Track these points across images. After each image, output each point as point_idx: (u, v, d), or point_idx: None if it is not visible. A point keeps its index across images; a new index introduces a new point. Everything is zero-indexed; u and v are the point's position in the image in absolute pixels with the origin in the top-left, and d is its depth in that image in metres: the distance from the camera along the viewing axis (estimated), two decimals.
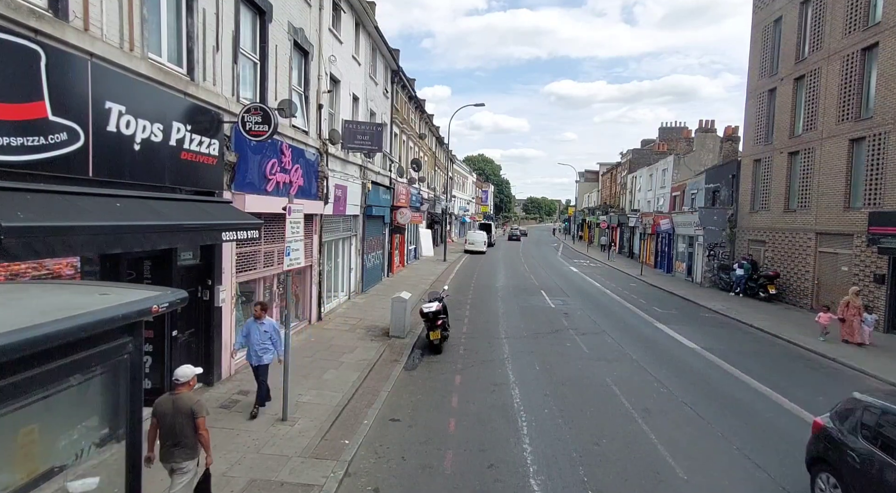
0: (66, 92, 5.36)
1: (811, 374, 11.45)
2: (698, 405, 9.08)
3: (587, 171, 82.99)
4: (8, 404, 2.18)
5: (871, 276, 15.74)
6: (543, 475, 6.47)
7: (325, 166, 13.76)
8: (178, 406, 4.94)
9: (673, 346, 13.44)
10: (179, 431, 4.92)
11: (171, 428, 4.92)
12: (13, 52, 4.79)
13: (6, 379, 2.12)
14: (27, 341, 2.13)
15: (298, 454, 6.67)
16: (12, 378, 2.19)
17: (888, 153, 15.32)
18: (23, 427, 2.46)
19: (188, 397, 5.02)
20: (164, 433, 4.96)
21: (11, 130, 4.75)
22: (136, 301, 2.95)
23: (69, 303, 2.76)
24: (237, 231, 7.68)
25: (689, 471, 6.67)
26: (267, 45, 10.39)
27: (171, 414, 4.93)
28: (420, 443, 7.30)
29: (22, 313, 2.40)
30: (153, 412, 4.97)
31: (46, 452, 2.62)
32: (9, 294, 2.91)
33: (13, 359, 2.06)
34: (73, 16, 5.63)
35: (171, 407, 4.95)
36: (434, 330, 11.80)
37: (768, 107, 22.52)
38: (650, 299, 21.34)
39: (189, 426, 4.94)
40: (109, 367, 2.84)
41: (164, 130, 6.95)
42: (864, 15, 16.72)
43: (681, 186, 34.24)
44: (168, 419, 4.93)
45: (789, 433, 8.06)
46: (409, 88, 28.22)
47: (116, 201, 5.83)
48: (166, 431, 4.94)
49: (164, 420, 4.94)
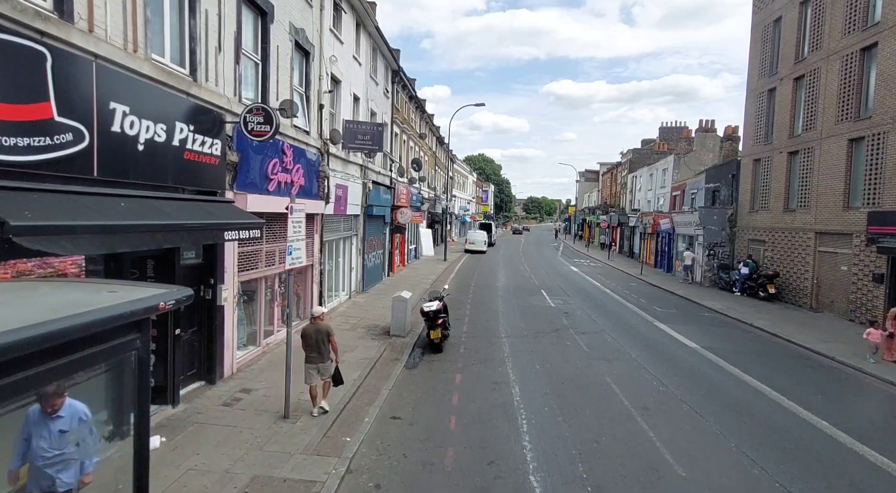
0: (71, 93, 5.42)
1: (810, 373, 11.51)
2: (697, 404, 9.14)
3: (587, 170, 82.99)
4: (23, 396, 2.24)
5: (870, 275, 15.79)
6: (543, 472, 6.53)
7: (326, 166, 13.82)
8: (318, 329, 7.93)
9: (672, 345, 13.50)
10: (320, 344, 7.88)
11: (315, 343, 7.87)
12: (19, 54, 4.85)
13: (20, 373, 2.18)
14: (39, 337, 2.19)
15: (300, 452, 6.73)
16: (25, 373, 2.25)
17: (887, 153, 15.36)
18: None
19: (323, 325, 8.03)
20: (308, 346, 7.86)
21: (18, 131, 4.81)
22: (144, 299, 3.01)
23: (79, 301, 2.83)
24: (239, 231, 7.74)
25: (688, 468, 6.73)
26: (268, 46, 10.45)
27: (313, 335, 7.88)
28: (421, 441, 7.36)
29: (33, 311, 2.46)
30: (301, 335, 8.00)
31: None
32: (19, 292, 2.97)
33: (27, 354, 2.12)
34: (77, 17, 5.69)
35: (314, 331, 7.91)
36: (434, 329, 11.87)
37: (768, 107, 22.56)
38: (650, 299, 21.39)
39: (324, 341, 7.91)
40: (118, 363, 2.90)
41: (167, 131, 7.01)
42: (863, 15, 16.76)
43: (681, 185, 34.29)
44: (312, 339, 7.87)
45: (787, 431, 8.12)
46: (409, 87, 28.28)
47: (121, 201, 5.90)
48: (311, 346, 7.86)
49: (309, 340, 7.87)
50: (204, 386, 8.82)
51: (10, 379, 2.10)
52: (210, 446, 6.72)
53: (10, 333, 1.98)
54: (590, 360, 11.72)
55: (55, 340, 2.33)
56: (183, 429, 7.14)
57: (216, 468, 6.15)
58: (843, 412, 9.01)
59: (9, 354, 1.97)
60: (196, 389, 8.65)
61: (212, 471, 6.09)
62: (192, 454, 6.47)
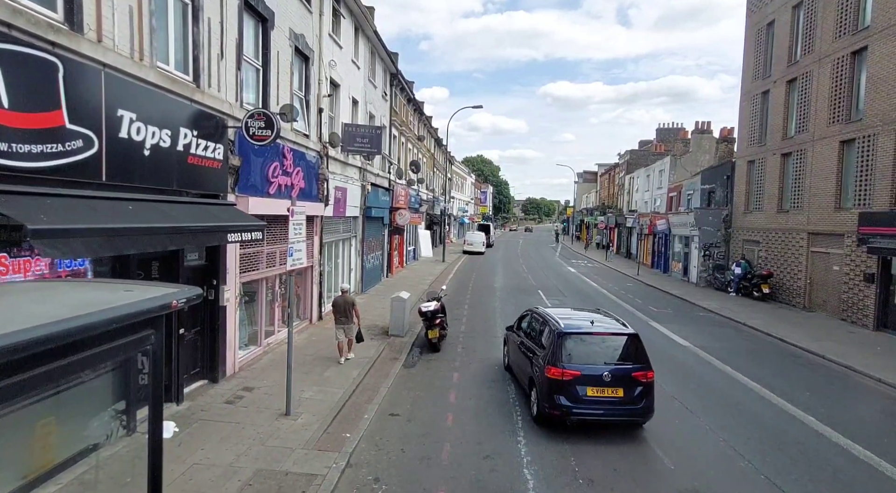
0: (81, 101, 5.65)
1: (800, 371, 11.75)
2: (688, 400, 9.37)
3: (586, 171, 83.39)
4: (55, 385, 2.47)
5: (861, 275, 16.05)
6: (536, 466, 6.76)
7: (325, 169, 14.05)
8: (346, 300, 10.77)
9: (666, 344, 13.74)
10: (347, 311, 10.70)
11: (343, 310, 10.68)
12: (34, 65, 5.07)
13: (54, 363, 2.41)
14: (74, 329, 2.43)
15: (302, 447, 6.95)
16: (57, 363, 2.48)
17: (877, 155, 15.63)
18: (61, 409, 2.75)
19: (349, 297, 10.91)
20: (338, 312, 10.70)
21: (33, 139, 5.04)
22: (158, 297, 3.23)
23: (98, 299, 3.05)
24: (242, 233, 7.96)
25: (677, 461, 6.97)
26: (269, 52, 10.69)
27: (342, 304, 10.72)
28: (419, 436, 7.59)
29: (63, 307, 2.68)
30: (332, 305, 11.05)
31: (82, 431, 2.91)
32: (43, 291, 3.20)
33: (60, 345, 2.35)
34: (87, 28, 5.92)
35: (342, 301, 10.75)
36: (432, 329, 12.10)
37: (762, 109, 22.85)
38: (645, 299, 21.64)
39: (350, 309, 10.71)
40: (135, 356, 3.13)
41: (171, 136, 7.24)
42: (853, 19, 17.05)
43: (677, 186, 34.55)
44: (340, 307, 10.70)
45: (775, 425, 8.36)
46: (407, 90, 28.52)
47: (128, 204, 6.12)
48: (340, 312, 10.68)
49: (338, 308, 10.71)
50: (207, 385, 9.04)
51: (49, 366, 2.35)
52: (214, 441, 6.94)
53: (52, 325, 2.22)
54: None
55: (88, 332, 2.57)
56: (187, 426, 7.35)
57: (220, 462, 6.38)
58: (830, 408, 9.25)
59: (53, 342, 2.22)
60: (199, 387, 8.86)
61: (216, 465, 6.31)
62: (197, 449, 6.69)
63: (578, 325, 8.38)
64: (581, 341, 8.02)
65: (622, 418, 7.76)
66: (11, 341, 2.12)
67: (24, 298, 2.93)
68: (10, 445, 2.74)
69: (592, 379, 7.61)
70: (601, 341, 8.08)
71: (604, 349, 8.00)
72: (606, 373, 7.64)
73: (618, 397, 7.60)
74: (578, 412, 7.58)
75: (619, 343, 8.08)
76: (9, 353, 2.14)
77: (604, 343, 8.07)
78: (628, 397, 7.60)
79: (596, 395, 7.58)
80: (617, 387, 7.60)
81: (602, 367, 7.73)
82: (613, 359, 7.91)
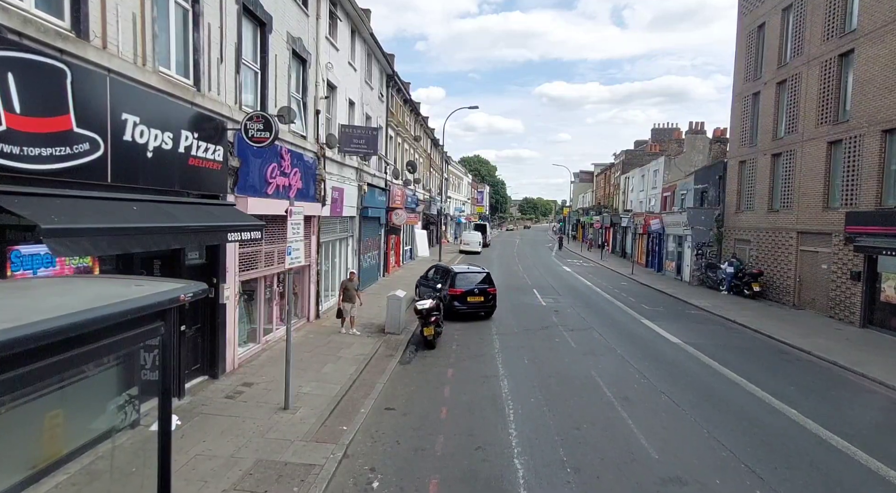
0: (87, 105, 5.88)
1: (786, 366, 12.05)
2: (676, 395, 9.65)
3: (582, 171, 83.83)
4: (80, 369, 2.72)
5: (848, 273, 16.38)
6: (526, 456, 7.02)
7: (322, 169, 14.28)
8: (352, 283, 13.22)
9: (657, 341, 14.03)
10: (351, 292, 13.01)
11: (349, 292, 13.02)
12: (44, 72, 5.31)
13: (76, 350, 2.66)
14: (88, 321, 2.67)
15: (300, 439, 7.20)
16: (78, 350, 2.73)
17: (863, 155, 15.96)
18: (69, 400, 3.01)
19: (354, 281, 13.51)
20: (345, 293, 13.05)
21: (43, 142, 5.27)
22: (167, 291, 3.47)
23: (112, 292, 3.29)
24: (241, 232, 8.21)
25: (661, 452, 7.24)
26: (267, 55, 10.92)
27: (350, 285, 13.06)
28: (413, 429, 7.84)
29: (79, 300, 2.93)
30: (341, 287, 13.43)
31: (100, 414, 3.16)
32: (62, 285, 3.44)
33: (85, 332, 2.60)
34: (93, 35, 6.15)
35: (350, 283, 13.18)
36: (428, 326, 12.35)
37: (753, 110, 23.19)
38: (639, 297, 21.94)
39: (353, 290, 13.11)
40: (146, 347, 3.38)
41: (173, 138, 7.47)
42: (841, 22, 17.38)
43: (671, 186, 34.91)
44: (348, 289, 13.03)
45: (759, 419, 8.64)
46: (403, 91, 28.76)
47: (133, 205, 6.35)
48: (346, 293, 13.04)
49: (347, 288, 13.10)
50: (207, 380, 9.27)
51: (72, 353, 2.60)
52: (215, 434, 7.18)
53: (75, 314, 2.46)
54: (577, 355, 12.22)
55: (106, 322, 2.82)
56: (189, 419, 7.58)
57: (222, 454, 6.61)
58: (814, 402, 9.54)
59: (76, 331, 2.46)
60: (200, 383, 9.09)
61: (218, 456, 6.55)
62: (199, 441, 6.93)
63: (463, 269, 17.32)
64: (464, 276, 16.51)
65: (484, 311, 16.12)
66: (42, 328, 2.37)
67: (47, 291, 3.18)
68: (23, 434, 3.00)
69: (469, 293, 15.95)
70: (473, 275, 16.64)
71: (473, 279, 16.44)
72: (475, 289, 16.02)
73: (480, 301, 16.00)
74: (462, 309, 15.75)
75: (481, 277, 16.55)
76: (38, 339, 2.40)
77: (473, 276, 16.57)
78: (486, 300, 16.08)
79: (471, 300, 15.91)
80: (480, 296, 15.99)
81: (473, 286, 16.10)
82: (477, 283, 16.30)
